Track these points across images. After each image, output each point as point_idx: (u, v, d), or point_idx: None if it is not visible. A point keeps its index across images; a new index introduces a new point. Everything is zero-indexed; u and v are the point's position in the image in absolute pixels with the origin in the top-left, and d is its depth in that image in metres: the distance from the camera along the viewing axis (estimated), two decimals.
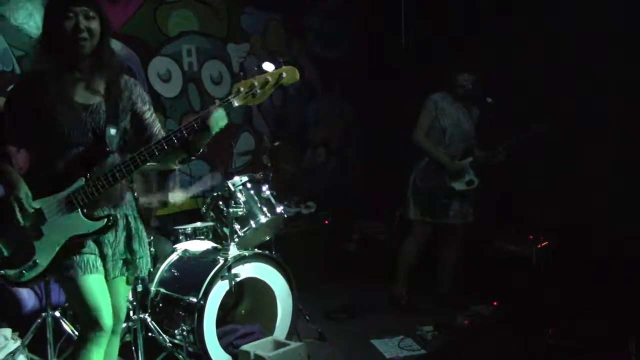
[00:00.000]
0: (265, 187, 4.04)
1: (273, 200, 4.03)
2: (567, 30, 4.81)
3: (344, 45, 6.70)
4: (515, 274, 4.56)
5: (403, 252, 4.88)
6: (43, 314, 3.62)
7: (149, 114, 2.63)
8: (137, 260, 2.61)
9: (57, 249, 2.41)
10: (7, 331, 3.75)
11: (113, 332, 2.55)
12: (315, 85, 6.54)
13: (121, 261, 2.59)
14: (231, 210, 3.80)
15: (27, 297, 4.43)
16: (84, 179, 2.40)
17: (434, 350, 3.98)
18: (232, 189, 3.91)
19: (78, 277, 2.40)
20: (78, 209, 2.41)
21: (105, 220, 2.44)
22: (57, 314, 3.64)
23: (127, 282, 2.69)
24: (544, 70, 5.01)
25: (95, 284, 2.43)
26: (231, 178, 4.01)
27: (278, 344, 3.56)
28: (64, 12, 2.35)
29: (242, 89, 2.36)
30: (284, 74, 2.37)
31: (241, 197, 3.90)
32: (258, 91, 2.35)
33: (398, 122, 5.17)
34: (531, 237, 4.69)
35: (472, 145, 4.72)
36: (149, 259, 2.69)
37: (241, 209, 3.83)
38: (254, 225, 3.88)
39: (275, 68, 2.40)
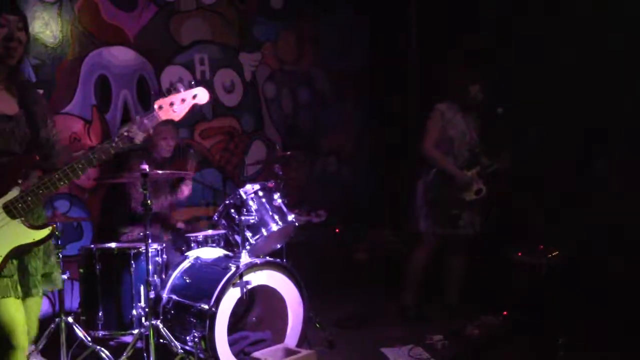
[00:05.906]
0: (276, 196, 4.06)
1: (284, 209, 4.06)
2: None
3: (355, 55, 6.73)
4: (525, 283, 4.55)
5: (412, 262, 4.88)
6: (56, 320, 3.67)
7: (51, 124, 2.75)
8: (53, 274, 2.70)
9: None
10: None
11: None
12: (326, 95, 6.57)
13: (40, 277, 2.61)
14: (243, 218, 3.84)
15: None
16: (18, 189, 2.45)
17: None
18: (244, 197, 3.94)
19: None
20: (18, 218, 2.44)
21: (50, 228, 2.49)
22: (70, 319, 3.70)
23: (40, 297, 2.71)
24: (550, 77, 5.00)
25: (12, 307, 2.46)
26: (243, 186, 4.05)
27: (289, 352, 3.59)
28: None
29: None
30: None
31: (253, 205, 3.93)
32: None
33: (409, 131, 5.19)
34: (541, 247, 4.68)
35: (478, 154, 4.74)
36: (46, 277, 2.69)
37: (253, 217, 3.87)
38: (265, 233, 3.90)
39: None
